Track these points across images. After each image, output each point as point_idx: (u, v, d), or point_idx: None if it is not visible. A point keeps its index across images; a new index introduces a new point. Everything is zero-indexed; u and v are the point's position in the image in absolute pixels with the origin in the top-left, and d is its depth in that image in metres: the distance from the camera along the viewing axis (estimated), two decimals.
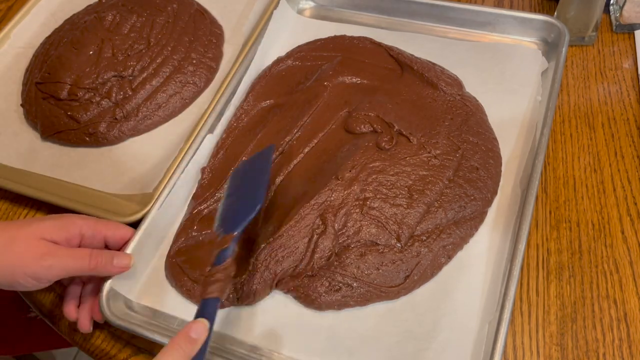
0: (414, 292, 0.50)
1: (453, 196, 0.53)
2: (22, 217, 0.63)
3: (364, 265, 0.51)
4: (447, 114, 0.59)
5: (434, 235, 0.52)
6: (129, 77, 0.66)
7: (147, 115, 0.65)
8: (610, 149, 0.59)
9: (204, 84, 0.69)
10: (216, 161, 0.60)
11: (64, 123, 0.65)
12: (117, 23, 0.71)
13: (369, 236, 0.52)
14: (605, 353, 0.47)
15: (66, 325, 0.55)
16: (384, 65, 0.65)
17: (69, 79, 0.66)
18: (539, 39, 0.66)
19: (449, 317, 0.48)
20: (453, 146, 0.57)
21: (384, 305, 0.50)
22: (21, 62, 0.75)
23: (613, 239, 0.53)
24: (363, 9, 0.74)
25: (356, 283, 0.50)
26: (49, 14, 0.81)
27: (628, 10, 0.66)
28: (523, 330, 0.49)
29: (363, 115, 0.60)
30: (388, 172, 0.55)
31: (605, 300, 0.50)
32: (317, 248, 0.51)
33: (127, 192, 0.60)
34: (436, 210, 0.53)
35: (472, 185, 0.54)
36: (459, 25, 0.69)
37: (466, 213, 0.53)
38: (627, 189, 0.56)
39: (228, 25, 0.75)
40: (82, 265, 0.47)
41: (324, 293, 0.50)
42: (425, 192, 0.53)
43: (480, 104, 0.61)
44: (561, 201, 0.56)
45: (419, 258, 0.51)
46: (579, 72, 0.66)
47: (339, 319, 0.50)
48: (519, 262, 0.48)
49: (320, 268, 0.51)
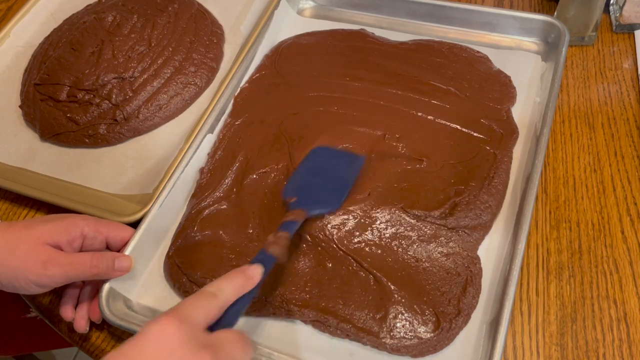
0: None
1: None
2: (22, 217, 0.63)
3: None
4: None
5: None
6: (129, 79, 0.66)
7: (147, 117, 0.65)
8: (610, 149, 0.59)
9: (205, 84, 0.69)
10: (214, 161, 0.60)
11: (63, 125, 0.65)
12: (117, 24, 0.71)
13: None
14: (605, 353, 0.47)
15: (66, 325, 0.54)
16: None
17: (68, 81, 0.66)
18: (539, 39, 0.66)
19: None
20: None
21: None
22: (21, 61, 0.75)
23: (613, 239, 0.53)
24: (363, 8, 0.74)
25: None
26: (49, 14, 0.81)
27: (628, 10, 0.66)
28: (523, 330, 0.49)
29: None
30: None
31: (605, 300, 0.50)
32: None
33: (127, 192, 0.60)
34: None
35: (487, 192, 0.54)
36: (459, 25, 0.69)
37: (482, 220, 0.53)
38: (627, 189, 0.56)
39: (228, 25, 0.75)
40: (84, 271, 0.47)
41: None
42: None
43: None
44: (561, 201, 0.56)
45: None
46: (579, 72, 0.66)
47: None
48: (518, 262, 0.48)
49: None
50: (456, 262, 0.50)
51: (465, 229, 0.52)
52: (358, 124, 0.60)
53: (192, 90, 0.68)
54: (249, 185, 0.57)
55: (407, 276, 0.50)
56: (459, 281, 0.49)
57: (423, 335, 0.47)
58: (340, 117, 0.61)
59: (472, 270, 0.50)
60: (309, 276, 0.51)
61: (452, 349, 0.47)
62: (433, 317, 0.47)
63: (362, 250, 0.51)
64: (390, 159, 0.57)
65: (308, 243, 0.52)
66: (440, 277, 0.50)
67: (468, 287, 0.49)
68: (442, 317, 0.47)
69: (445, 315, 0.47)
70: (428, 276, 0.50)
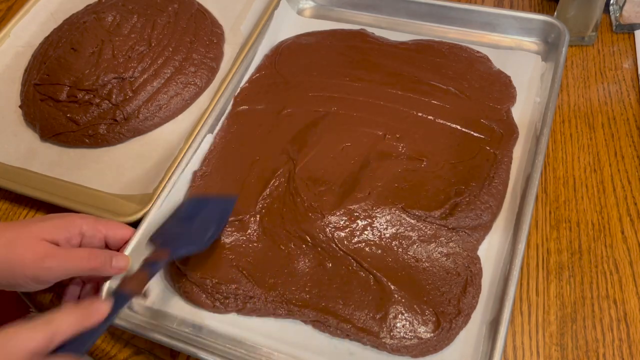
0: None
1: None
2: (22, 217, 0.63)
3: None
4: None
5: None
6: (129, 79, 0.66)
7: (147, 117, 0.65)
8: (610, 149, 0.59)
9: (205, 84, 0.69)
10: (207, 166, 0.59)
11: (63, 125, 0.65)
12: (117, 24, 0.71)
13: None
14: (605, 353, 0.47)
15: None
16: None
17: (68, 81, 0.66)
18: (539, 39, 0.66)
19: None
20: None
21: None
22: (21, 61, 0.75)
23: (613, 239, 0.53)
24: (363, 8, 0.74)
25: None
26: (49, 14, 0.81)
27: (628, 10, 0.66)
28: (523, 330, 0.49)
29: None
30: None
31: (605, 300, 0.50)
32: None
33: (127, 192, 0.60)
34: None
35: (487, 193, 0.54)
36: (459, 25, 0.69)
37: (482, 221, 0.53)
38: (627, 189, 0.56)
39: (228, 25, 0.75)
40: (81, 266, 0.47)
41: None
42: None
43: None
44: (561, 201, 0.56)
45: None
46: (579, 72, 0.66)
47: None
48: (518, 262, 0.48)
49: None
50: (456, 262, 0.50)
51: (465, 229, 0.52)
52: (358, 124, 0.60)
53: (192, 90, 0.68)
54: (248, 186, 0.57)
55: (407, 276, 0.50)
56: (459, 281, 0.49)
57: (423, 335, 0.47)
58: (340, 117, 0.61)
59: (472, 270, 0.50)
60: (309, 276, 0.51)
61: (452, 349, 0.47)
62: (433, 317, 0.47)
63: (362, 250, 0.51)
64: (390, 158, 0.57)
65: (308, 243, 0.52)
66: (440, 277, 0.50)
67: (468, 287, 0.49)
68: (442, 317, 0.47)
69: (446, 315, 0.47)
70: (428, 276, 0.50)
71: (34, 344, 0.37)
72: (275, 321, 0.50)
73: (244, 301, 0.50)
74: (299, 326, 0.49)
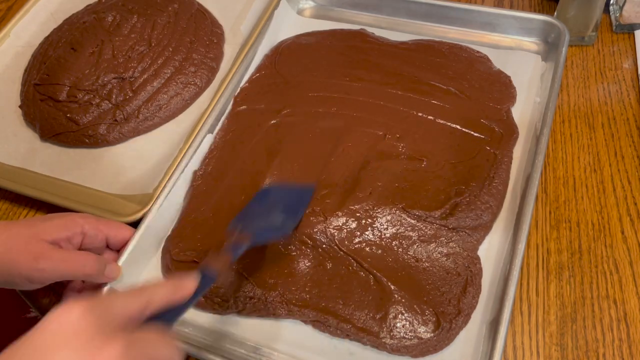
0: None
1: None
2: (22, 217, 0.63)
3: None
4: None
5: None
6: (129, 79, 0.66)
7: (147, 117, 0.65)
8: (610, 149, 0.59)
9: (205, 84, 0.69)
10: (207, 166, 0.60)
11: (63, 125, 0.65)
12: (117, 24, 0.71)
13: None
14: (605, 353, 0.47)
15: None
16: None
17: (68, 81, 0.66)
18: (539, 39, 0.66)
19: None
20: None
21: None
22: (21, 61, 0.75)
23: (613, 239, 0.53)
24: (363, 8, 0.74)
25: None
26: (49, 14, 0.81)
27: (628, 10, 0.66)
28: (523, 330, 0.49)
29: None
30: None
31: (605, 300, 0.50)
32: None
33: (126, 192, 0.60)
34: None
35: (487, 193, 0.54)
36: (459, 25, 0.69)
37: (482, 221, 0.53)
38: (627, 189, 0.56)
39: (228, 25, 0.75)
40: (74, 271, 0.47)
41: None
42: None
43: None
44: (561, 201, 0.56)
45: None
46: (579, 72, 0.66)
47: None
48: (518, 262, 0.48)
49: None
50: (456, 262, 0.50)
51: (466, 229, 0.52)
52: (358, 124, 0.60)
53: (192, 90, 0.68)
54: (247, 187, 0.57)
55: (407, 276, 0.50)
56: (459, 281, 0.49)
57: (423, 335, 0.47)
58: (340, 117, 0.61)
59: (472, 270, 0.50)
60: (309, 276, 0.51)
61: (452, 349, 0.47)
62: (433, 317, 0.47)
63: (362, 251, 0.51)
64: (390, 159, 0.57)
65: (308, 244, 0.52)
66: (440, 277, 0.50)
67: (468, 287, 0.49)
68: (442, 317, 0.47)
69: (446, 315, 0.47)
70: (428, 276, 0.50)
71: (130, 310, 0.36)
72: (275, 321, 0.50)
73: (244, 302, 0.50)
74: (299, 326, 0.49)
